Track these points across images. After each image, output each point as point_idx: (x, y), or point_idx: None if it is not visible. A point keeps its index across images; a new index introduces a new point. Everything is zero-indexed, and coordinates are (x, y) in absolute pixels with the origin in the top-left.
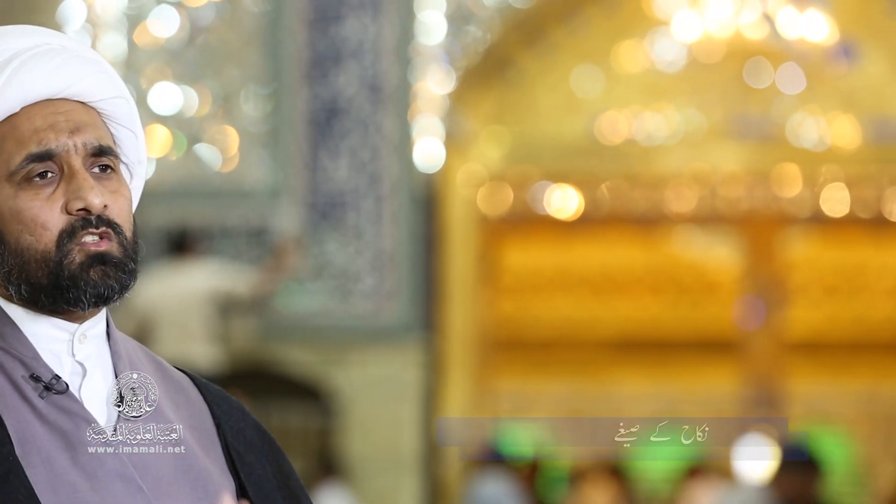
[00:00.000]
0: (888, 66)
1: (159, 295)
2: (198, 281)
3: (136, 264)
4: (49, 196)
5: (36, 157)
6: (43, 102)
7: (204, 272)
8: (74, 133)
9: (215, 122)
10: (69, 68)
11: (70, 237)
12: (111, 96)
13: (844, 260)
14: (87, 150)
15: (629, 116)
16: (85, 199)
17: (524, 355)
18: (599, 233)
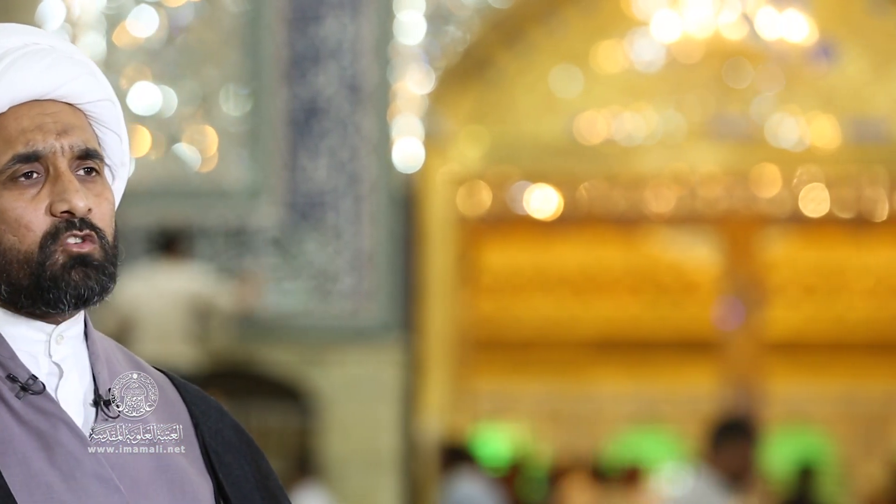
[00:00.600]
0: (867, 66)
1: (141, 295)
2: (180, 284)
3: (115, 268)
4: (34, 197)
5: (23, 158)
6: (31, 103)
7: (187, 275)
8: (62, 135)
9: (194, 121)
10: (58, 69)
11: (53, 239)
12: (98, 99)
13: (823, 260)
14: (73, 152)
15: (608, 116)
16: (70, 201)
17: (503, 355)
18: (578, 233)
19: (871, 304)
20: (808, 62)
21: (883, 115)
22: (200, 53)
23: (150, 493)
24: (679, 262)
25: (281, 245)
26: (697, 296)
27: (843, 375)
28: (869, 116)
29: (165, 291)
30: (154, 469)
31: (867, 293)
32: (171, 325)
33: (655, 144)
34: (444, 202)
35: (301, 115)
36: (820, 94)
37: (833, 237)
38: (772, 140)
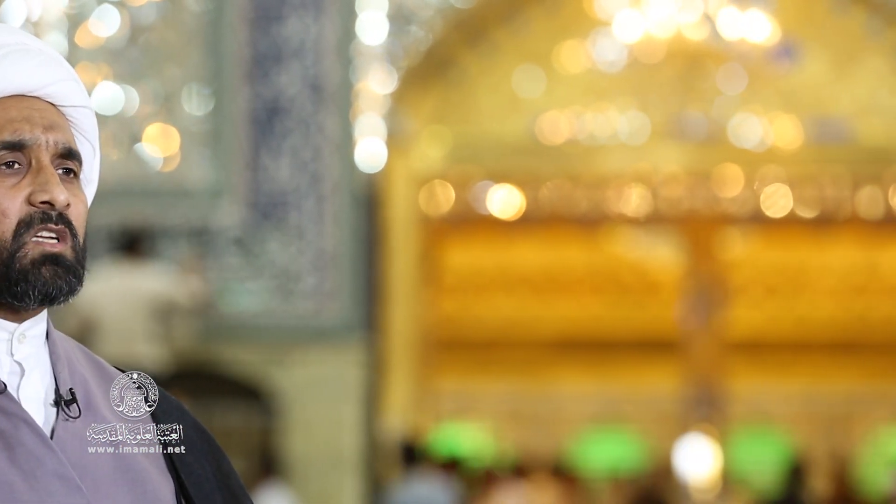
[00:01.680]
0: (829, 66)
1: (102, 295)
2: (142, 284)
3: (84, 270)
4: (13, 185)
5: (8, 145)
6: (18, 97)
7: (148, 275)
8: (48, 130)
9: (156, 121)
10: (48, 69)
11: (27, 227)
12: (80, 104)
13: (785, 260)
14: (57, 148)
15: (571, 117)
16: (51, 192)
17: (466, 355)
18: (541, 233)
19: (833, 304)
20: (770, 62)
21: (844, 115)
22: (162, 53)
23: (112, 493)
24: (641, 262)
25: (243, 245)
26: (659, 296)
27: (805, 375)
28: (831, 116)
29: (127, 292)
30: (115, 468)
31: (829, 293)
32: (133, 325)
33: (618, 145)
34: (406, 202)
35: (263, 114)
36: (782, 95)
37: (795, 237)
38: (734, 140)
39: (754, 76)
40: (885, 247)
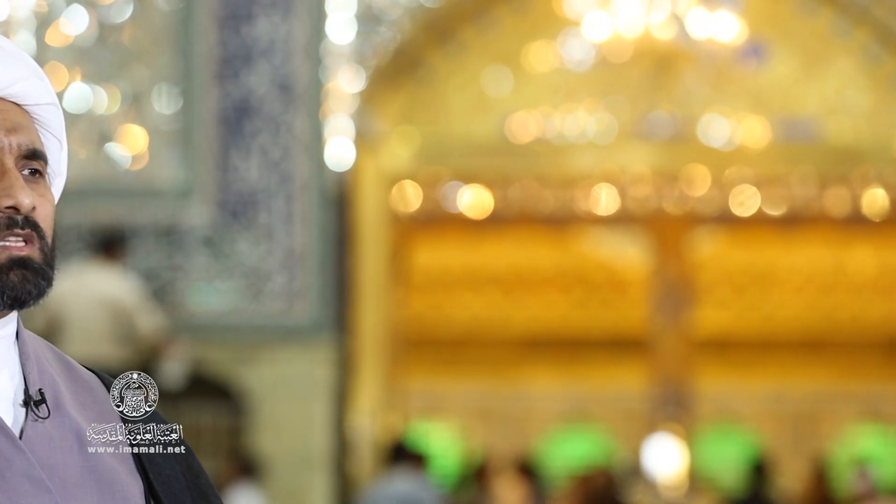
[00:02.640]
0: (797, 66)
1: (69, 294)
2: (107, 287)
3: (53, 271)
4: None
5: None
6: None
7: (115, 280)
8: (10, 132)
9: (126, 120)
10: (10, 68)
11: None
12: (45, 102)
13: (753, 259)
14: (20, 150)
15: (539, 116)
16: (16, 197)
17: (435, 354)
18: (510, 232)
19: (801, 304)
20: (738, 62)
21: (812, 114)
22: (132, 52)
23: (80, 493)
24: (610, 262)
25: (212, 244)
26: (628, 295)
27: (772, 374)
28: (798, 116)
29: (93, 293)
30: (84, 469)
31: (796, 292)
32: (97, 325)
33: (586, 144)
34: (375, 201)
35: (233, 114)
36: (750, 94)
37: (763, 236)
38: (702, 140)
39: (722, 76)
40: (852, 246)
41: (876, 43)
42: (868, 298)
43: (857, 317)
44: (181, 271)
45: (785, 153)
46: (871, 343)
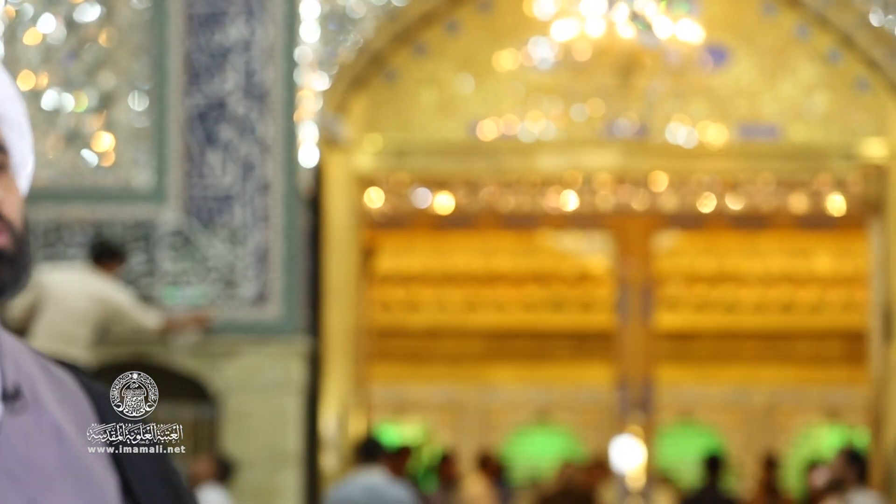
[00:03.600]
0: (759, 69)
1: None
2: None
3: (28, 259)
4: None
5: None
6: None
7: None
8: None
9: (97, 123)
10: None
11: None
12: (3, 97)
13: (714, 259)
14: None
15: (505, 118)
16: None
17: (403, 353)
18: (476, 233)
19: (762, 302)
20: (701, 65)
21: (774, 118)
22: (102, 55)
23: (57, 488)
24: (574, 262)
25: (184, 245)
26: (592, 294)
27: (734, 372)
28: (760, 119)
29: (81, 286)
30: (61, 463)
31: (757, 291)
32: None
33: (552, 146)
34: (344, 202)
35: (203, 116)
36: (712, 97)
37: (724, 237)
38: (664, 141)
39: (685, 79)
40: (812, 246)
41: (836, 48)
42: (827, 296)
43: (814, 319)
44: (153, 272)
45: (747, 155)
46: (830, 338)
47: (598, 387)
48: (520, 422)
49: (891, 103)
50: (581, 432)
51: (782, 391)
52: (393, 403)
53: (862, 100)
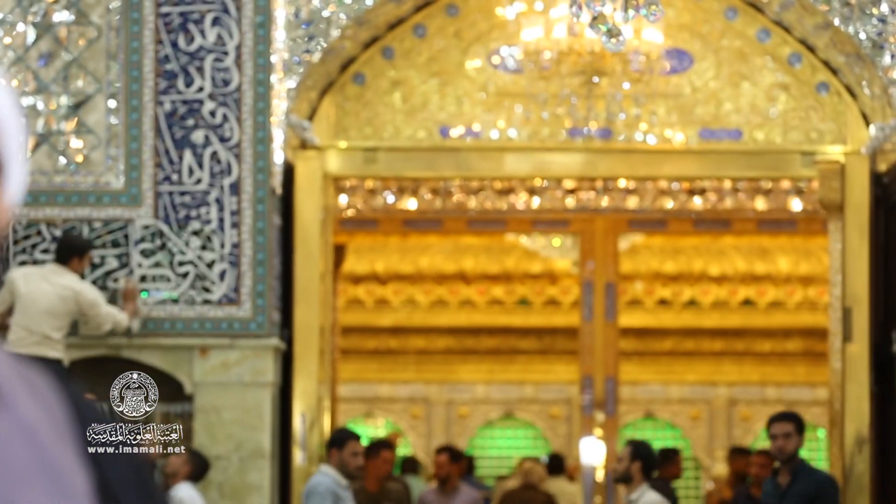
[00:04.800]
0: (720, 73)
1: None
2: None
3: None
4: None
5: None
6: None
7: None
8: None
9: (72, 125)
10: None
11: None
12: None
13: (678, 259)
14: None
15: (473, 121)
16: None
17: (373, 351)
18: (445, 234)
19: (723, 304)
20: (664, 69)
21: (735, 121)
22: (76, 57)
23: (28, 487)
24: (540, 262)
25: (157, 245)
26: (558, 295)
27: (697, 370)
28: (722, 122)
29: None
30: (32, 463)
31: (718, 293)
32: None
33: (519, 148)
34: (314, 204)
35: (175, 118)
36: (675, 101)
37: (687, 238)
38: (629, 144)
39: (649, 83)
40: (772, 249)
41: (797, 53)
42: (787, 295)
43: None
44: (126, 271)
45: (709, 158)
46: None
47: (563, 384)
48: (486, 419)
49: (850, 106)
50: (547, 429)
51: (744, 389)
52: (361, 401)
53: (822, 103)
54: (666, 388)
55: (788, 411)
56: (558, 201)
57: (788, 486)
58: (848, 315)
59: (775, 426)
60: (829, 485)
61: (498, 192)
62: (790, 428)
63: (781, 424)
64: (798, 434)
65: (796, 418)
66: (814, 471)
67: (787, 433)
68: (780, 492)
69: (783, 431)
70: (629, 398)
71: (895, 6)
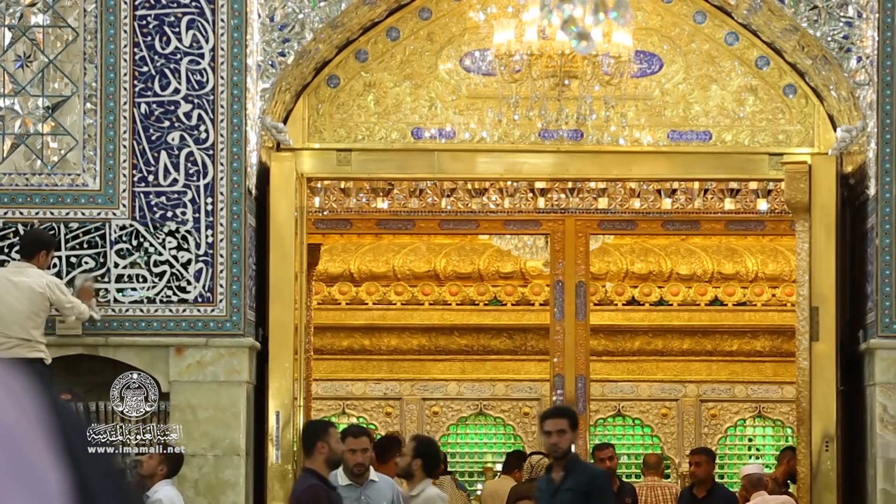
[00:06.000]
0: (689, 75)
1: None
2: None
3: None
4: None
5: None
6: None
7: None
8: None
9: (45, 125)
10: None
11: None
12: None
13: (648, 259)
14: None
15: (446, 122)
16: None
17: (346, 350)
18: (417, 234)
19: (691, 304)
20: (634, 72)
21: (704, 123)
22: (52, 58)
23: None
24: (512, 262)
25: (133, 245)
26: (530, 295)
27: (666, 369)
28: (691, 124)
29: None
30: (6, 462)
31: (687, 293)
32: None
33: (490, 149)
34: (288, 204)
35: (151, 120)
36: (645, 103)
37: (656, 238)
38: (599, 146)
39: (619, 85)
40: (740, 249)
41: (765, 55)
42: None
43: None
44: (103, 272)
45: (678, 159)
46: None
47: (535, 383)
48: (459, 417)
49: (817, 109)
50: (519, 427)
51: (712, 387)
52: (335, 399)
53: (790, 105)
54: (636, 387)
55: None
56: (529, 202)
57: (562, 482)
58: (815, 314)
59: (548, 423)
60: (602, 479)
61: (470, 193)
62: (564, 424)
63: (555, 421)
64: (571, 430)
65: (570, 414)
66: (586, 466)
67: (560, 430)
68: (554, 487)
69: (557, 428)
70: (599, 396)
71: (862, 10)
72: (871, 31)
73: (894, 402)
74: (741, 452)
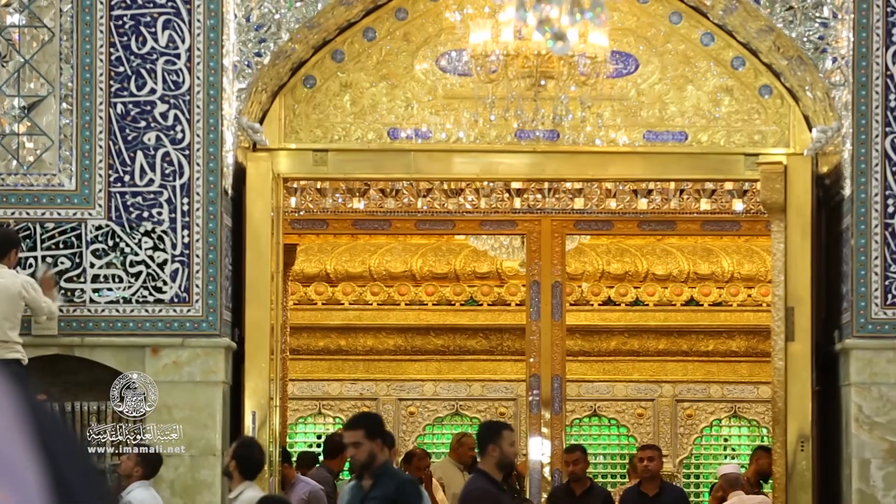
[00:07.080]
0: (665, 76)
1: None
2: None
3: None
4: None
5: None
6: None
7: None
8: None
9: (21, 125)
10: None
11: None
12: None
13: (624, 259)
14: None
15: (422, 123)
16: None
17: (322, 350)
18: (394, 234)
19: (667, 304)
20: (610, 72)
21: (680, 123)
22: (27, 58)
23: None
24: (489, 262)
25: (109, 246)
26: (506, 295)
27: (639, 370)
28: (667, 125)
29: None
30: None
31: (663, 293)
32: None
33: (466, 149)
34: (264, 204)
35: (127, 120)
36: (621, 103)
37: (632, 238)
38: (575, 146)
39: (595, 85)
40: (716, 249)
41: (740, 56)
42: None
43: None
44: (78, 272)
45: (654, 159)
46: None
47: (511, 383)
48: (435, 417)
49: (793, 109)
50: None
51: (688, 387)
52: (311, 399)
53: (765, 106)
54: (612, 387)
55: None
56: (506, 202)
57: (370, 489)
58: (790, 314)
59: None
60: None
61: (446, 194)
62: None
63: (349, 433)
64: (370, 440)
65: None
66: (395, 473)
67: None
68: (362, 495)
69: (352, 440)
70: (575, 396)
71: (837, 11)
72: (847, 31)
73: (869, 402)
74: (717, 452)
